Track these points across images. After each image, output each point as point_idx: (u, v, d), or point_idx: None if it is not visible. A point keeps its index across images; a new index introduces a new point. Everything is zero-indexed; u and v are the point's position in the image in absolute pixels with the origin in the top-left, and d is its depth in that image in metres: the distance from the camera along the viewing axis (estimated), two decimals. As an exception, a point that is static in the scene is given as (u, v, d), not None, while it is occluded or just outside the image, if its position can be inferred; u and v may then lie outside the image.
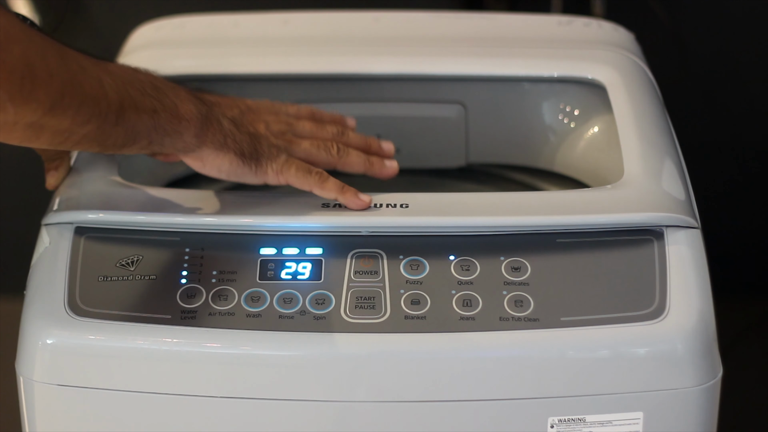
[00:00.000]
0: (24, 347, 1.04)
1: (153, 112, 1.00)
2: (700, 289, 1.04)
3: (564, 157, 1.34)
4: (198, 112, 1.04)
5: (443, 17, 1.43)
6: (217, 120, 1.06)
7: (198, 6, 1.63)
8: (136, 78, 1.01)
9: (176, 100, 1.03)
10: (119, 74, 0.98)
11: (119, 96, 0.96)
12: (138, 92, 0.99)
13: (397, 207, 1.07)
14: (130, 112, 0.98)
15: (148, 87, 1.01)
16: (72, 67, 0.92)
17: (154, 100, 1.00)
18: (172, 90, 1.03)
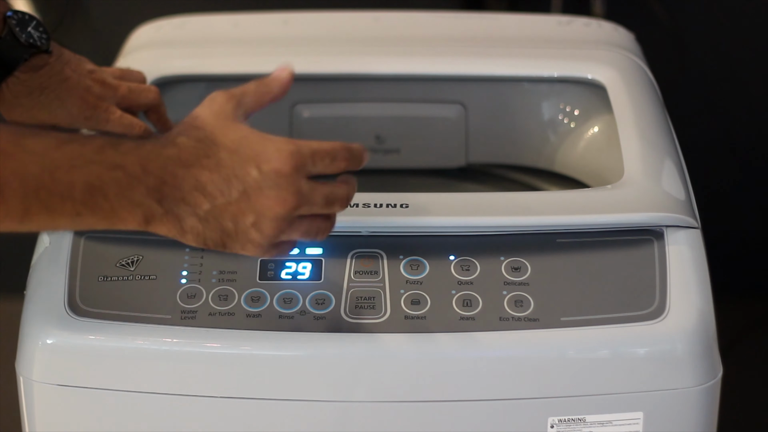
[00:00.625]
0: (24, 347, 1.04)
1: (75, 216, 0.90)
2: (700, 289, 1.04)
3: (564, 157, 1.34)
4: (145, 218, 0.91)
5: (443, 17, 1.43)
6: (175, 220, 0.92)
7: (198, 6, 1.63)
8: (65, 179, 0.89)
9: (118, 204, 0.90)
10: (36, 175, 0.88)
11: (23, 203, 0.87)
12: (57, 197, 0.88)
13: (397, 207, 1.07)
14: (39, 216, 0.89)
15: (78, 189, 0.89)
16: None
17: (80, 205, 0.89)
18: (124, 188, 0.90)
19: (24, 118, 1.11)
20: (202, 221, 0.92)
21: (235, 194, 0.92)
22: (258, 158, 0.92)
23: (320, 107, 1.35)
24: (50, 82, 1.10)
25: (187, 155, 0.92)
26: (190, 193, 0.91)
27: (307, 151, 0.93)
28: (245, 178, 0.92)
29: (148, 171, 0.90)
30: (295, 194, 0.92)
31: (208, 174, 0.91)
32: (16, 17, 1.09)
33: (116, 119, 1.13)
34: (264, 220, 0.92)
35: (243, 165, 0.92)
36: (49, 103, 1.10)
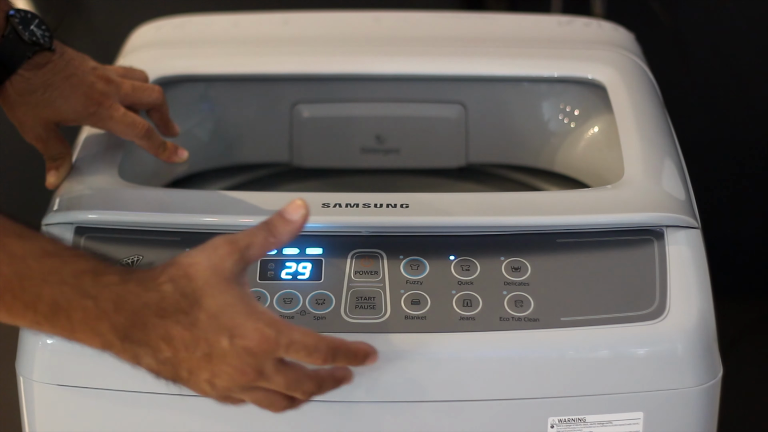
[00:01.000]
0: (24, 347, 1.04)
1: (34, 324, 0.89)
2: (700, 289, 1.04)
3: (564, 157, 1.34)
4: (104, 345, 0.90)
5: (443, 17, 1.43)
6: (132, 356, 0.91)
7: (198, 6, 1.63)
8: (34, 290, 0.88)
9: (79, 327, 0.89)
10: (6, 276, 0.87)
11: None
12: (20, 303, 0.88)
13: (397, 207, 1.07)
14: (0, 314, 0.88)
15: (43, 304, 0.88)
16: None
17: (41, 317, 0.88)
18: (90, 318, 0.89)
19: (28, 115, 1.11)
20: (158, 363, 0.91)
21: (198, 354, 0.90)
22: (233, 330, 0.90)
23: (320, 107, 1.35)
24: (54, 80, 1.10)
25: (166, 305, 0.90)
26: (156, 340, 0.90)
27: (284, 341, 0.91)
28: (214, 345, 0.90)
29: (120, 310, 0.89)
30: (254, 371, 0.91)
31: (180, 330, 0.90)
32: (19, 15, 1.09)
33: (119, 116, 1.13)
34: (218, 380, 0.91)
35: (217, 332, 0.90)
36: (53, 100, 1.10)
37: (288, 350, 0.91)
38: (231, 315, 0.91)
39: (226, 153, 1.35)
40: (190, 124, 1.32)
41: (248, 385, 0.92)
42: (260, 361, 0.91)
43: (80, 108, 1.11)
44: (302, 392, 0.93)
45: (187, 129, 1.31)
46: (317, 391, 0.94)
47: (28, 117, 1.11)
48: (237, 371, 0.91)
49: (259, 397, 0.93)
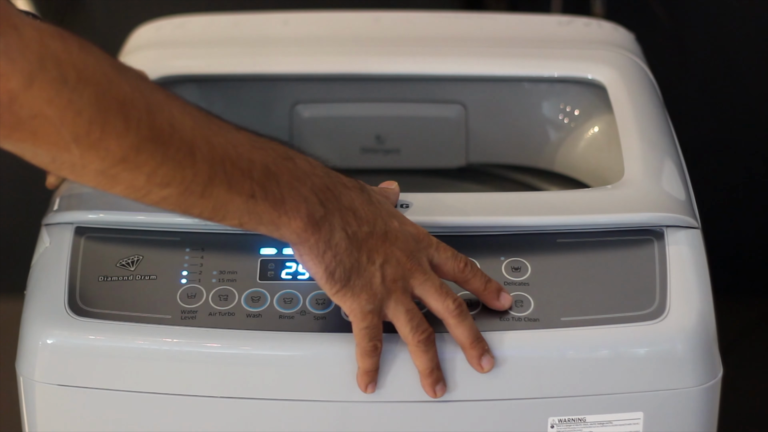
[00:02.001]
0: (24, 347, 1.04)
1: (250, 197, 0.92)
2: (700, 289, 1.04)
3: (564, 157, 1.34)
4: (308, 215, 0.94)
5: (443, 17, 1.43)
6: (329, 229, 0.95)
7: (198, 6, 1.63)
8: (247, 156, 0.92)
9: (288, 193, 0.93)
10: (222, 145, 0.91)
11: (210, 168, 0.89)
12: (239, 171, 0.91)
13: (397, 207, 1.07)
14: (219, 189, 0.90)
15: (257, 168, 0.92)
16: (159, 124, 0.87)
17: (256, 185, 0.92)
18: (294, 179, 0.94)
19: None
20: (348, 239, 0.96)
21: (378, 230, 0.98)
22: (400, 218, 1.01)
23: (320, 107, 1.35)
24: None
25: (348, 182, 0.99)
26: (345, 210, 0.96)
27: (435, 239, 1.01)
28: (389, 223, 0.99)
29: (315, 173, 0.96)
30: (416, 261, 0.99)
31: (362, 202, 0.98)
32: None
33: None
34: (388, 267, 0.98)
35: (388, 215, 1.00)
36: None
37: (439, 247, 1.01)
38: (392, 209, 1.02)
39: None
40: (190, 124, 1.32)
41: (409, 280, 0.99)
42: (420, 250, 1.00)
43: None
44: (453, 299, 0.99)
45: (187, 129, 1.31)
46: (463, 309, 1.00)
47: None
48: (405, 254, 0.98)
49: (414, 308, 0.99)
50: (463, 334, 0.99)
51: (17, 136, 0.84)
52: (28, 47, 0.81)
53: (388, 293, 0.98)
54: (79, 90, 0.83)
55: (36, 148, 0.85)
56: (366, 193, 0.99)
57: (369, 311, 0.98)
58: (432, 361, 0.99)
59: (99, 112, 0.84)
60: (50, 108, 0.83)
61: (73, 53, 0.84)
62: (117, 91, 0.85)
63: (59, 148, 0.85)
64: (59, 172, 0.88)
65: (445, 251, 1.01)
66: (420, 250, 1.00)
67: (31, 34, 0.82)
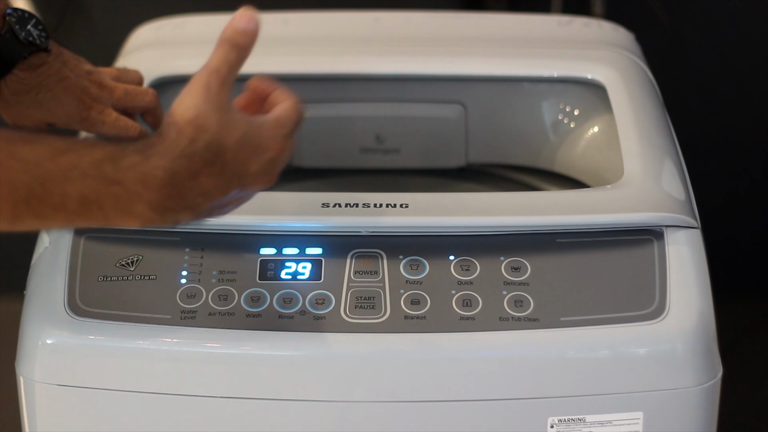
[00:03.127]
0: (24, 347, 1.04)
1: (67, 222, 0.89)
2: (700, 289, 1.04)
3: (564, 157, 1.34)
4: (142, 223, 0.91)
5: (443, 17, 1.43)
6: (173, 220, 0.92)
7: (198, 6, 1.63)
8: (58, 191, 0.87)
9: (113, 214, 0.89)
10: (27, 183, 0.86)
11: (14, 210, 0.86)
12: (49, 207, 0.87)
13: (397, 207, 1.07)
14: (31, 222, 0.87)
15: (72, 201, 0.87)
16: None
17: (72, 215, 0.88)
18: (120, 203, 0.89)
19: (21, 116, 1.11)
20: (197, 215, 0.93)
21: (233, 190, 0.94)
22: (257, 150, 0.94)
23: (320, 107, 1.35)
24: (48, 81, 1.10)
25: (195, 165, 0.91)
26: (193, 199, 0.92)
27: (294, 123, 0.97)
28: (245, 175, 0.94)
29: (150, 187, 0.89)
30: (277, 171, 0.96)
31: (213, 181, 0.92)
32: (16, 15, 1.08)
33: (111, 122, 1.13)
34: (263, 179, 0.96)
35: (244, 162, 0.94)
36: (47, 102, 1.10)
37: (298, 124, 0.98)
38: (249, 140, 0.94)
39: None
40: (190, 124, 1.32)
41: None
42: (282, 163, 0.96)
43: (72, 112, 1.11)
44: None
45: (187, 129, 1.31)
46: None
47: (22, 116, 1.11)
48: (270, 178, 0.96)
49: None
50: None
51: None
52: None
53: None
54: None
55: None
56: (219, 163, 0.92)
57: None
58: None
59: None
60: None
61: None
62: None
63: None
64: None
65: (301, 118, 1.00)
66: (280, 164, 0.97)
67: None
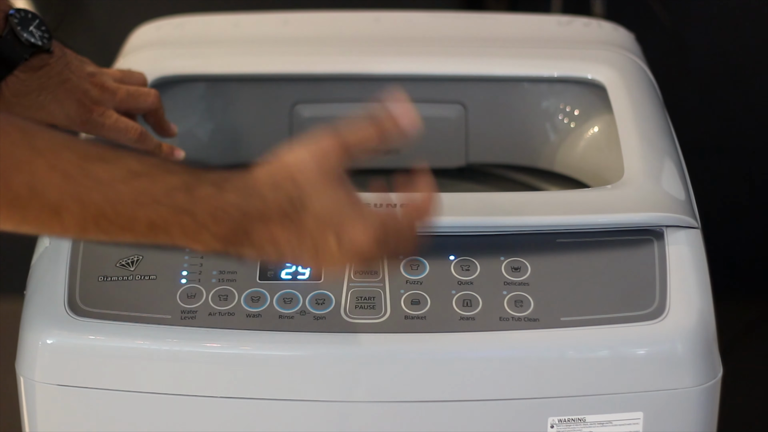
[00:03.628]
0: (24, 347, 1.04)
1: (134, 241, 0.89)
2: (700, 289, 1.04)
3: (564, 157, 1.34)
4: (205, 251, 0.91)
5: (443, 17, 1.43)
6: (236, 255, 0.91)
7: (198, 6, 1.63)
8: (128, 213, 0.87)
9: (180, 241, 0.89)
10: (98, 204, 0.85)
11: (81, 226, 0.86)
12: (117, 228, 0.87)
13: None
14: (98, 236, 0.87)
15: (140, 225, 0.87)
16: (15, 188, 0.83)
17: (140, 237, 0.88)
18: (187, 233, 0.88)
19: (22, 116, 1.11)
20: (262, 256, 0.91)
21: (305, 254, 0.91)
22: (341, 226, 0.90)
23: (320, 107, 1.35)
24: (49, 83, 1.10)
25: (271, 212, 0.90)
26: (261, 245, 0.90)
27: (393, 242, 0.93)
28: (321, 244, 0.90)
29: (219, 222, 0.88)
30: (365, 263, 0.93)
31: (286, 234, 0.90)
32: (19, 16, 1.08)
33: (111, 123, 1.13)
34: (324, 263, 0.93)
35: (324, 231, 0.90)
36: (48, 104, 1.10)
37: (397, 236, 0.93)
38: (338, 211, 0.90)
39: (226, 153, 1.35)
40: (190, 124, 1.32)
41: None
42: (369, 256, 0.92)
43: (73, 113, 1.11)
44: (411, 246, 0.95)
45: (187, 129, 1.31)
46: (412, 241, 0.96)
47: None
48: (348, 260, 0.92)
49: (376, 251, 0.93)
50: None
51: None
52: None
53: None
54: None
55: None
56: (296, 220, 0.90)
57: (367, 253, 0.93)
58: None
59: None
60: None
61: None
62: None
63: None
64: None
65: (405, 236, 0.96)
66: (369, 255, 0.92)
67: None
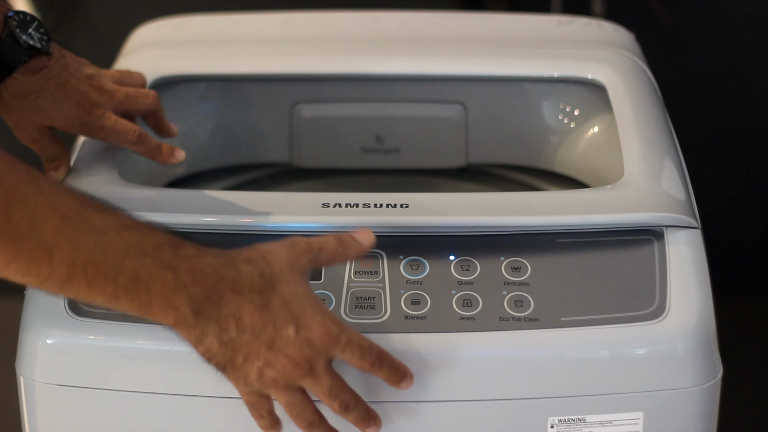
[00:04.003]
0: (24, 347, 1.04)
1: (112, 298, 0.89)
2: (700, 289, 1.04)
3: (564, 157, 1.34)
4: (176, 320, 0.91)
5: (443, 17, 1.43)
6: (201, 333, 0.92)
7: (198, 6, 1.63)
8: (115, 262, 0.88)
9: (157, 300, 0.90)
10: (89, 249, 0.87)
11: (69, 270, 0.87)
12: (101, 276, 0.88)
13: (397, 207, 1.07)
14: (79, 287, 0.88)
15: (125, 276, 0.89)
16: (16, 222, 0.84)
17: (120, 290, 0.89)
18: (168, 290, 0.90)
19: (21, 119, 1.11)
20: (220, 344, 0.93)
21: (263, 338, 0.93)
22: (301, 321, 0.94)
23: (320, 107, 1.35)
24: (48, 86, 1.10)
25: (243, 283, 0.93)
26: (226, 318, 0.92)
27: (344, 339, 0.95)
28: (280, 331, 0.93)
29: (197, 282, 0.91)
30: (308, 365, 0.94)
31: (252, 310, 0.93)
32: (18, 18, 1.08)
33: (110, 125, 1.13)
34: (268, 371, 0.94)
35: (285, 319, 0.93)
36: (47, 106, 1.10)
37: (345, 348, 0.95)
38: (301, 305, 0.94)
39: (226, 153, 1.35)
40: (190, 124, 1.32)
41: (294, 382, 0.94)
42: (317, 356, 0.94)
43: (72, 116, 1.11)
44: (339, 402, 0.96)
45: (187, 129, 1.31)
46: (350, 408, 0.97)
47: (22, 120, 1.11)
48: (292, 362, 0.93)
49: (295, 400, 0.96)
50: (353, 421, 0.98)
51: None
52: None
53: (266, 388, 0.95)
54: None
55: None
56: (265, 298, 0.93)
57: (247, 393, 0.97)
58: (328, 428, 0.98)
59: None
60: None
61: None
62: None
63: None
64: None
65: (352, 352, 0.96)
66: (317, 355, 0.94)
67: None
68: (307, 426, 0.98)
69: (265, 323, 0.93)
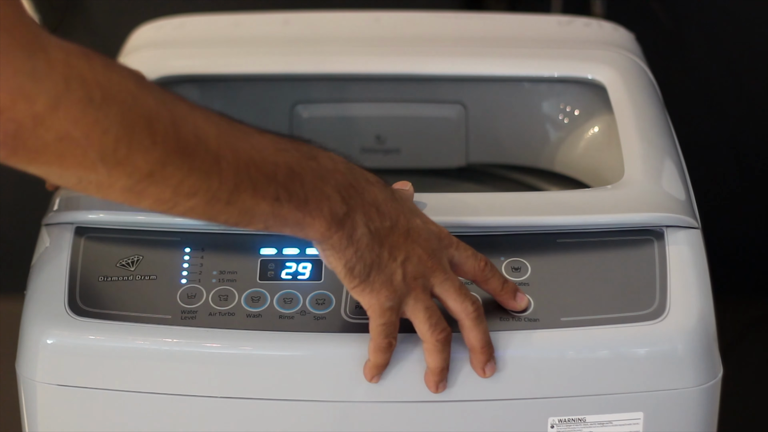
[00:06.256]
0: (24, 347, 1.04)
1: (275, 200, 0.91)
2: (700, 289, 1.04)
3: (564, 157, 1.34)
4: (331, 214, 0.94)
5: (443, 17, 1.43)
6: (351, 225, 0.95)
7: (198, 6, 1.63)
8: (271, 159, 0.92)
9: (311, 193, 0.93)
10: (247, 151, 0.90)
11: (236, 176, 0.89)
12: (263, 175, 0.91)
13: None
14: (245, 195, 0.90)
15: (281, 171, 0.92)
16: (184, 136, 0.87)
17: (281, 188, 0.91)
18: (317, 178, 0.94)
19: None
20: (370, 234, 0.96)
21: (401, 226, 0.97)
22: (422, 216, 1.00)
23: (320, 107, 1.35)
24: None
25: (371, 177, 0.98)
26: (368, 205, 0.96)
27: (455, 239, 1.01)
28: (411, 221, 0.98)
29: (337, 170, 0.95)
30: (437, 260, 0.98)
31: (385, 198, 0.98)
32: None
33: None
34: (409, 264, 0.97)
35: (412, 212, 0.99)
36: None
37: (459, 246, 1.00)
38: (414, 207, 1.01)
39: (226, 153, 1.35)
40: (190, 124, 1.32)
41: (429, 279, 0.98)
42: (441, 250, 0.99)
43: None
44: (472, 301, 0.99)
45: (187, 129, 1.31)
46: (480, 310, 0.99)
47: None
48: (426, 253, 0.98)
49: (433, 305, 0.98)
50: (476, 337, 0.99)
51: (43, 159, 0.83)
52: (54, 68, 0.80)
53: (408, 290, 0.97)
54: (104, 109, 0.82)
55: (62, 171, 0.84)
56: (389, 190, 0.99)
57: (388, 308, 0.97)
58: (445, 361, 0.99)
59: (125, 130, 0.83)
60: (76, 129, 0.82)
61: (98, 71, 0.83)
62: (142, 107, 0.85)
63: (86, 168, 0.84)
64: (85, 191, 0.87)
65: (465, 250, 1.00)
66: (441, 249, 0.99)
67: (57, 54, 0.81)
68: (444, 338, 0.99)
69: (398, 212, 0.97)
